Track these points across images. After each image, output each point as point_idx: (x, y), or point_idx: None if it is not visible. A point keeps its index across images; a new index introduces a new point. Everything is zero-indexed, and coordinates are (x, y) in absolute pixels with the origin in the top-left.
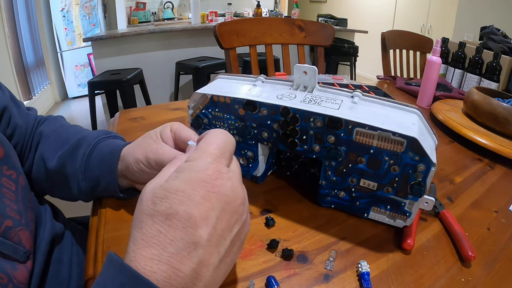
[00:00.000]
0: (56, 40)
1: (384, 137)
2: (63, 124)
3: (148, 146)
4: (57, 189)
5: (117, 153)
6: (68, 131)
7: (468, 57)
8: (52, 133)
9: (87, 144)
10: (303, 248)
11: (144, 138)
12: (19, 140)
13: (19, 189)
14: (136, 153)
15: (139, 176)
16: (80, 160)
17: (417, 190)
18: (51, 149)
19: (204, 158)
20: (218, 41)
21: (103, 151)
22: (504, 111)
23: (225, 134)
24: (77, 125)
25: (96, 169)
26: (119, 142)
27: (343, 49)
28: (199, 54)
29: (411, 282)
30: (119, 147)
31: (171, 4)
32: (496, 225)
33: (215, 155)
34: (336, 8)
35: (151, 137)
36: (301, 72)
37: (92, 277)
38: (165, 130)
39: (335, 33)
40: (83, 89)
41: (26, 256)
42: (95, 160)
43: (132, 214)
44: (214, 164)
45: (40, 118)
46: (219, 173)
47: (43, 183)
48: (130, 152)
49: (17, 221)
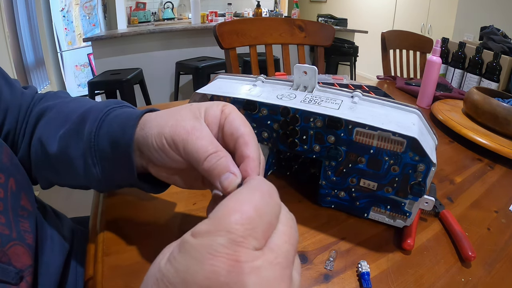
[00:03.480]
0: (56, 40)
1: (384, 137)
2: (64, 99)
3: (181, 121)
4: (64, 177)
5: (136, 119)
6: (69, 106)
7: (468, 57)
8: (50, 111)
9: (94, 117)
10: (303, 248)
11: (181, 109)
12: (11, 124)
13: (8, 195)
14: (163, 124)
15: (156, 155)
16: (87, 140)
17: (417, 190)
18: (51, 130)
19: (214, 238)
20: (218, 41)
21: (116, 122)
22: (504, 111)
23: (265, 192)
24: (82, 98)
25: (108, 148)
26: (137, 110)
27: (343, 49)
28: (199, 54)
29: (411, 282)
30: (139, 112)
31: (171, 4)
32: (496, 225)
33: (235, 234)
34: (336, 8)
35: (191, 110)
36: (301, 72)
37: (92, 277)
38: (213, 109)
39: (335, 33)
40: (83, 89)
41: (19, 277)
42: (105, 137)
43: (134, 212)
44: (228, 250)
45: (38, 97)
46: (235, 265)
47: (45, 171)
48: (154, 121)
49: (6, 236)
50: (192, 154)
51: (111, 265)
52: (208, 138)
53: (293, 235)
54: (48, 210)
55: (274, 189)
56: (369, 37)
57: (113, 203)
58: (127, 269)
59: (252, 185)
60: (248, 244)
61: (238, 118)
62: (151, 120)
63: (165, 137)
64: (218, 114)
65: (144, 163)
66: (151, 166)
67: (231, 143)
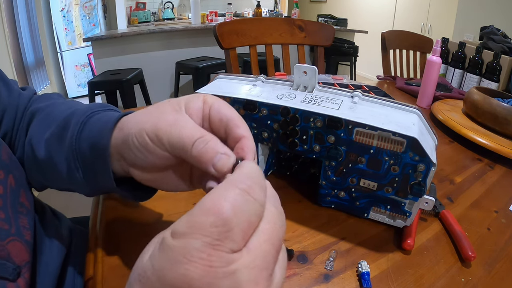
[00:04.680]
0: (56, 40)
1: (384, 137)
2: (56, 101)
3: (162, 115)
4: (51, 180)
5: (113, 122)
6: (58, 108)
7: (468, 57)
8: (41, 113)
9: (76, 121)
10: (303, 248)
11: (159, 105)
12: (9, 126)
13: (7, 191)
14: (143, 121)
15: (138, 154)
16: (69, 144)
17: (417, 190)
18: (39, 133)
19: (189, 241)
20: (218, 41)
21: (96, 126)
22: (504, 111)
23: (245, 188)
24: (73, 100)
25: (88, 151)
26: (118, 113)
27: (343, 49)
28: (199, 54)
29: (411, 282)
30: (117, 116)
31: (171, 4)
32: (496, 225)
33: (210, 238)
34: (336, 8)
35: (170, 105)
36: (301, 72)
37: (92, 277)
38: (194, 101)
39: (335, 33)
40: (83, 89)
41: (17, 273)
42: (86, 141)
43: (134, 212)
44: (202, 254)
45: (35, 98)
46: (209, 270)
47: (36, 174)
48: (133, 120)
49: (5, 231)
50: (178, 144)
51: (111, 265)
52: (192, 125)
53: (276, 232)
54: (47, 210)
55: (258, 182)
56: (369, 37)
57: (113, 203)
58: (127, 269)
59: (233, 179)
60: (223, 247)
61: (224, 105)
62: (129, 120)
63: (147, 133)
64: (200, 106)
65: (125, 167)
66: (133, 170)
67: (221, 129)
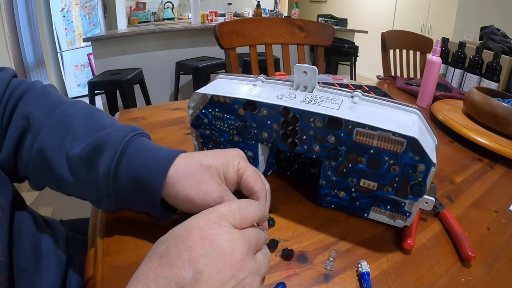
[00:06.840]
0: (56, 40)
1: (384, 137)
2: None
3: (210, 190)
4: (66, 191)
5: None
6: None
7: (468, 57)
8: (49, 118)
9: (111, 151)
10: (303, 248)
11: (205, 175)
12: None
13: None
14: (192, 192)
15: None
16: (103, 173)
17: (417, 190)
18: (53, 144)
19: (210, 212)
20: (218, 41)
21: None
22: (504, 111)
23: (249, 204)
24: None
25: (127, 183)
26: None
27: (343, 49)
28: (199, 54)
29: (411, 282)
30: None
31: (171, 4)
32: (496, 225)
33: (221, 213)
34: (336, 8)
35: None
36: (301, 72)
37: (92, 277)
38: (230, 172)
39: (335, 33)
40: (83, 89)
41: None
42: (125, 171)
43: (134, 213)
44: (215, 218)
45: (16, 85)
46: (217, 225)
47: (45, 181)
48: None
49: None
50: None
51: (111, 265)
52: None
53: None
54: (40, 222)
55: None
56: (369, 37)
57: None
58: (127, 269)
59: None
60: (227, 220)
61: (251, 177)
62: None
63: (198, 205)
64: (235, 178)
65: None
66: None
67: (247, 194)
